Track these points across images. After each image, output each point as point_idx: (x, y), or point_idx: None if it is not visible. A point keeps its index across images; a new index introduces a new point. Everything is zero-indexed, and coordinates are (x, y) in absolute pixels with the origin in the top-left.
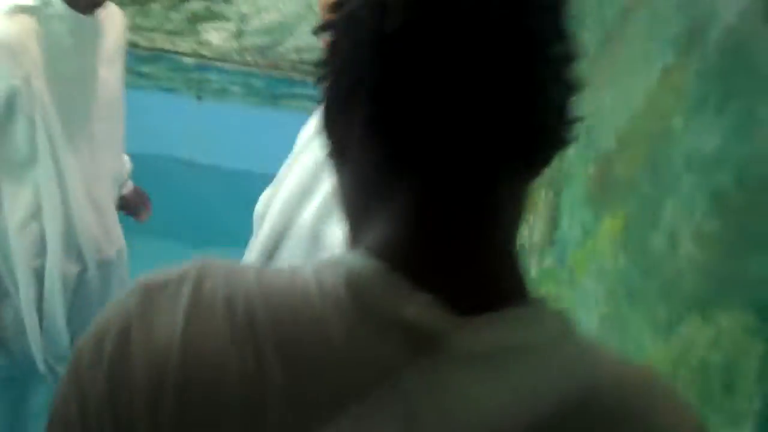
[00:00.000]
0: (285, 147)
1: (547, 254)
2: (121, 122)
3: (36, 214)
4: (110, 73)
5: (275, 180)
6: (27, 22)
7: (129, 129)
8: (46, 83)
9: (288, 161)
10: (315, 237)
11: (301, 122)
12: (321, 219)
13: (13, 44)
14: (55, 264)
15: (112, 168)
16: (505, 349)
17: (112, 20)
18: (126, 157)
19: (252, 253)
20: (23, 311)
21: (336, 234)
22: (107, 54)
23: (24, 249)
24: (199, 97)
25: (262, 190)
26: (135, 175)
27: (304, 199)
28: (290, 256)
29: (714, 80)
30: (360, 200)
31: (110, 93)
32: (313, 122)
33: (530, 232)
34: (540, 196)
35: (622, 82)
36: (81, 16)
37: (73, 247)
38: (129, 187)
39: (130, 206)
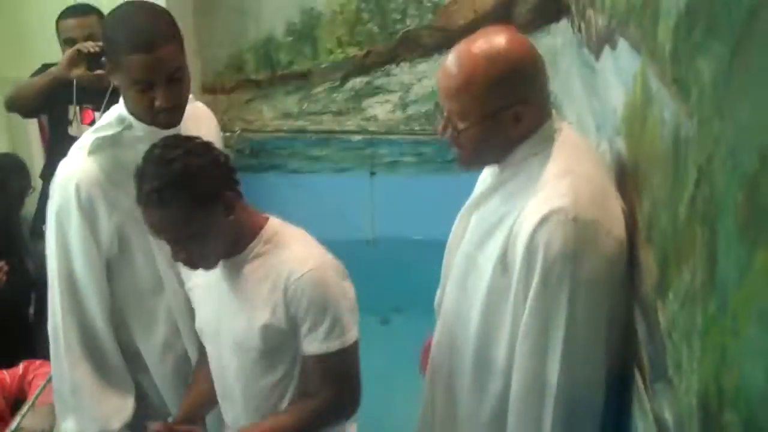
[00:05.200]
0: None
1: (710, 300)
2: None
3: (176, 337)
4: None
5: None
6: (110, 155)
7: (310, 214)
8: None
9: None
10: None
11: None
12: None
13: (105, 182)
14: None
15: None
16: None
17: (197, 123)
18: None
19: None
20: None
21: None
22: None
23: (168, 375)
24: (372, 173)
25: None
26: None
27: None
28: None
29: None
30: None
31: None
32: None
33: (692, 276)
34: (696, 233)
35: (759, 92)
36: (160, 131)
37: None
38: None
39: None
